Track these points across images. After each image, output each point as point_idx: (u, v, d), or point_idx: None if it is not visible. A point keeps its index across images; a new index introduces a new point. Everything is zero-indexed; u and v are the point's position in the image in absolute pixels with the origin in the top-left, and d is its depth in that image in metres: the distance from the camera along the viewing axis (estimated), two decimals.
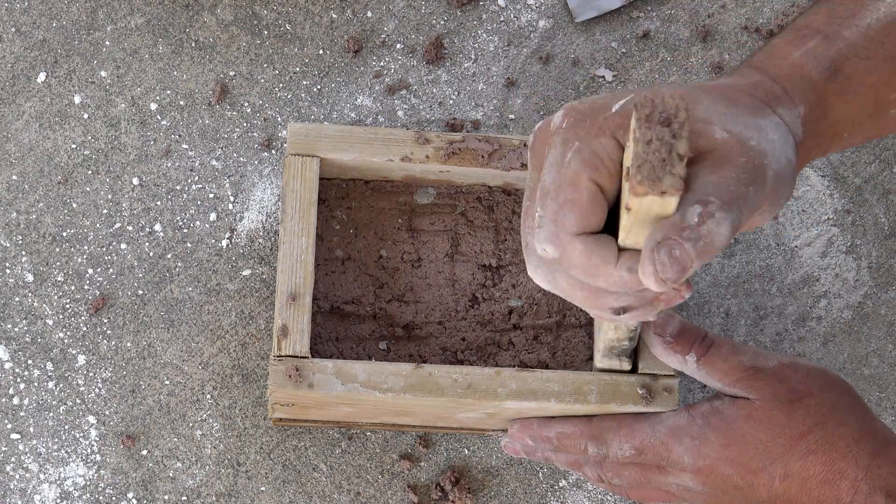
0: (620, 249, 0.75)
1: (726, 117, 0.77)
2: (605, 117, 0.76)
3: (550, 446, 0.97)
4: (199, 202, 1.08)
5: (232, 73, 1.10)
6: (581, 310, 1.00)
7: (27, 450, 1.04)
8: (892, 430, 0.92)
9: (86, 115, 1.09)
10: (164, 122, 1.09)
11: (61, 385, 1.05)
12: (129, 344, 1.06)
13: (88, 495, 1.04)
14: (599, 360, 0.94)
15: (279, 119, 1.10)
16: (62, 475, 1.04)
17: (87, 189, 1.08)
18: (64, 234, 1.07)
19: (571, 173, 0.75)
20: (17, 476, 1.04)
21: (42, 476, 1.04)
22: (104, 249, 1.07)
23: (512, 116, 1.11)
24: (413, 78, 1.11)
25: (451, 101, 1.11)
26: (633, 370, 0.95)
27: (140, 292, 1.07)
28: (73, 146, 1.09)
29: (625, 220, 0.72)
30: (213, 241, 1.08)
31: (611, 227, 0.76)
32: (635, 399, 0.94)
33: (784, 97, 0.81)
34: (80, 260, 1.07)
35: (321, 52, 1.11)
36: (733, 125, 0.77)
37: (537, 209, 0.76)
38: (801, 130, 0.81)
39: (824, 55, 0.83)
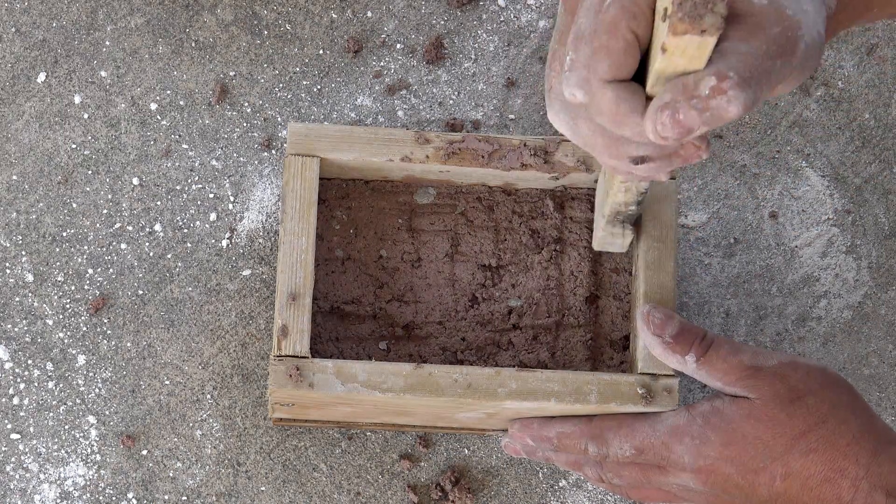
0: (648, 98, 0.74)
1: None
2: None
3: (551, 446, 0.97)
4: (199, 202, 1.08)
5: (232, 73, 1.10)
6: (580, 309, 1.00)
7: (27, 450, 1.04)
8: (892, 429, 0.92)
9: (86, 115, 1.09)
10: (164, 122, 1.09)
11: (61, 385, 1.05)
12: (129, 344, 1.06)
13: (88, 495, 1.04)
14: (603, 228, 0.93)
15: (279, 119, 1.10)
16: (62, 475, 1.04)
17: (87, 189, 1.08)
18: (64, 234, 1.07)
19: (610, 19, 0.74)
20: (17, 476, 1.04)
21: (42, 476, 1.04)
22: (104, 249, 1.07)
23: (512, 116, 1.11)
24: (413, 78, 1.11)
25: (451, 101, 1.11)
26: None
27: (140, 292, 1.07)
28: (73, 146, 1.09)
29: (658, 64, 0.71)
30: (213, 241, 1.08)
31: (639, 76, 0.75)
32: (635, 399, 0.93)
33: None
34: (80, 260, 1.07)
35: (321, 52, 1.11)
36: None
37: (569, 52, 0.75)
38: (836, 3, 0.81)
39: None
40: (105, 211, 1.08)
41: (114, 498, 1.04)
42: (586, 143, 0.78)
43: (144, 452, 1.05)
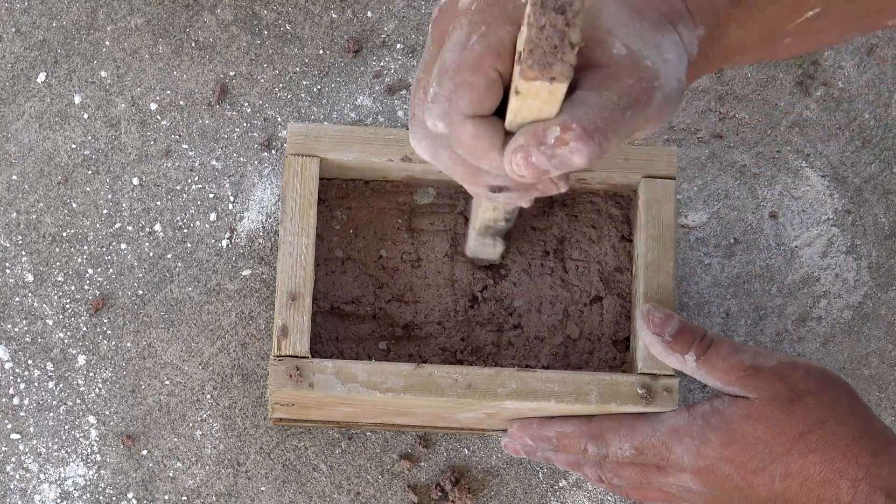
0: (507, 133, 0.76)
1: (629, 30, 0.77)
2: (515, 6, 0.76)
3: (550, 446, 0.97)
4: (199, 202, 1.08)
5: (232, 73, 1.10)
6: (581, 309, 1.00)
7: (27, 450, 1.04)
8: (891, 430, 0.92)
9: (86, 115, 1.09)
10: (164, 122, 1.09)
11: (61, 385, 1.05)
12: (129, 344, 1.06)
13: (88, 495, 1.04)
14: (474, 240, 0.95)
15: (279, 119, 1.10)
16: (62, 475, 1.04)
17: (87, 189, 1.08)
18: (64, 234, 1.07)
19: (474, 56, 0.75)
20: (17, 476, 1.04)
21: (42, 476, 1.04)
22: (104, 249, 1.07)
23: None
24: (413, 78, 1.11)
25: None
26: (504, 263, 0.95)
27: (140, 292, 1.07)
28: (73, 146, 1.09)
29: (513, 104, 0.73)
30: (213, 241, 1.08)
31: (502, 109, 0.77)
32: (635, 399, 0.94)
33: (686, 16, 0.81)
34: (80, 260, 1.07)
35: (321, 52, 1.11)
36: (633, 41, 0.77)
37: (433, 84, 0.76)
38: (696, 51, 0.81)
39: None
40: (105, 211, 1.08)
41: (114, 498, 1.04)
42: (447, 169, 0.80)
43: (144, 452, 1.05)
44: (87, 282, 1.06)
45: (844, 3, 0.83)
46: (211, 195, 1.08)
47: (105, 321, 1.06)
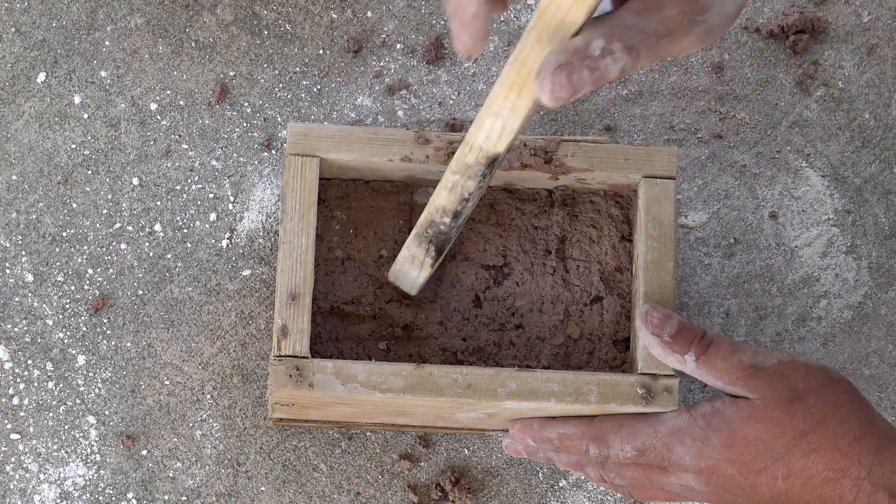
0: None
1: None
2: None
3: (552, 447, 0.97)
4: (199, 202, 1.08)
5: (232, 73, 1.10)
6: (582, 309, 1.00)
7: (27, 450, 1.04)
8: (894, 428, 0.92)
9: (86, 115, 1.09)
10: (164, 122, 1.09)
11: (61, 385, 1.05)
12: (129, 344, 1.06)
13: (88, 495, 1.04)
14: (407, 246, 0.93)
15: (279, 119, 1.10)
16: (62, 475, 1.04)
17: (87, 189, 1.08)
18: (64, 234, 1.07)
19: None
20: (17, 476, 1.04)
21: (42, 476, 1.04)
22: (104, 249, 1.07)
23: None
24: (413, 78, 1.11)
25: (451, 101, 1.11)
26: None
27: (140, 292, 1.07)
28: (73, 146, 1.09)
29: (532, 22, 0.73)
30: (213, 241, 1.08)
31: None
32: (635, 399, 0.93)
33: None
34: (80, 260, 1.07)
35: (321, 52, 1.11)
36: None
37: None
38: None
39: None
40: (105, 211, 1.08)
41: (114, 498, 1.04)
42: None
43: (144, 452, 1.05)
44: (87, 282, 1.06)
45: None
46: (211, 195, 1.08)
47: (105, 321, 1.06)
